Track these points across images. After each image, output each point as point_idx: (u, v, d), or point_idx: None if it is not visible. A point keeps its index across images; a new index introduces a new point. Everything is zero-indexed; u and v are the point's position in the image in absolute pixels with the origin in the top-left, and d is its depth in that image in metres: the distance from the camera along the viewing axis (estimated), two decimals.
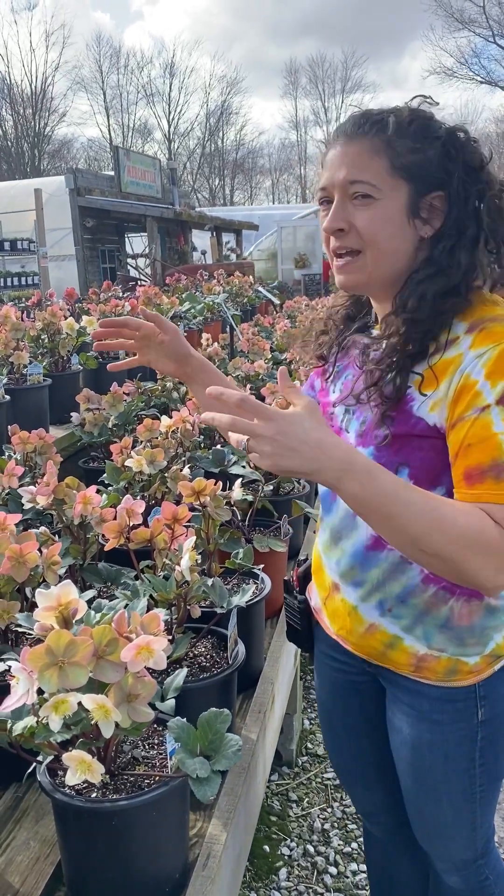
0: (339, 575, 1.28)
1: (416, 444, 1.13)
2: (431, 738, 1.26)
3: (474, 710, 1.24)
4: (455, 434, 1.08)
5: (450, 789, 1.28)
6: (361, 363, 1.24)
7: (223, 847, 1.31)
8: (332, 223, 1.16)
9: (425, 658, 1.22)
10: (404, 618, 1.22)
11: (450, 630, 1.20)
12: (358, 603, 1.26)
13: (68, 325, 3.46)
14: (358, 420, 1.22)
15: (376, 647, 1.26)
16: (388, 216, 1.13)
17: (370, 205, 1.13)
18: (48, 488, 1.73)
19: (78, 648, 1.05)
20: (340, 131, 1.18)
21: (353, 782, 1.53)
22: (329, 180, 1.17)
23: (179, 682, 1.33)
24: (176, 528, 1.57)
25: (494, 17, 31.48)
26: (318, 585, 1.38)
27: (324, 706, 1.51)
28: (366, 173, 1.13)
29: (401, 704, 1.29)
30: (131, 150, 20.35)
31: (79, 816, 1.15)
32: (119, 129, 40.82)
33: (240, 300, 6.64)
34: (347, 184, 1.14)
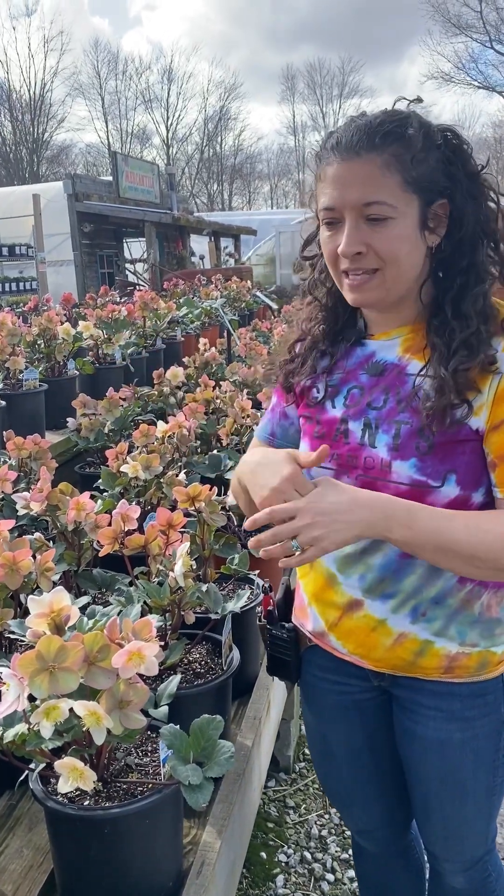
0: (363, 590, 1.23)
1: (460, 450, 1.13)
2: (462, 736, 1.26)
3: (502, 700, 1.26)
4: (500, 435, 1.11)
5: (476, 787, 1.29)
6: (392, 387, 1.21)
7: (217, 855, 1.30)
8: (351, 247, 1.11)
9: (457, 657, 1.22)
10: (437, 620, 1.21)
11: (481, 624, 1.22)
12: (387, 616, 1.22)
13: (64, 330, 3.46)
14: (388, 434, 1.18)
15: (405, 658, 1.23)
16: (405, 234, 1.11)
17: (386, 225, 1.10)
18: (42, 494, 1.72)
19: (68, 654, 1.04)
20: (344, 144, 1.11)
21: (350, 804, 1.49)
22: (339, 200, 1.12)
23: (173, 688, 1.32)
24: (171, 533, 1.57)
25: (491, 23, 31.61)
26: (326, 608, 1.29)
27: (319, 733, 1.44)
28: (381, 193, 1.09)
29: (425, 710, 1.27)
30: (129, 156, 20.40)
31: (71, 824, 1.14)
32: (117, 135, 40.95)
33: (238, 305, 6.64)
34: (362, 205, 1.10)
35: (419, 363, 1.18)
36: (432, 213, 1.13)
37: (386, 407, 1.19)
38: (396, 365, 1.21)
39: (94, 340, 3.79)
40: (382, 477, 1.17)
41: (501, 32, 31.53)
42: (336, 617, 1.27)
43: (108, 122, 40.74)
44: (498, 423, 1.11)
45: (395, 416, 1.18)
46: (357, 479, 1.20)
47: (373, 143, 1.08)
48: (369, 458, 1.19)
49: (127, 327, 4.19)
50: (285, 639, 1.38)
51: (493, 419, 1.11)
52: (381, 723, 1.37)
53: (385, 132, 1.08)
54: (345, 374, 1.26)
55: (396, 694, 1.32)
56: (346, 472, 1.21)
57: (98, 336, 3.79)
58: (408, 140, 1.09)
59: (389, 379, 1.21)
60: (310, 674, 1.40)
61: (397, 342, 1.22)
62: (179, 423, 2.49)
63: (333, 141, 1.13)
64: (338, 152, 1.11)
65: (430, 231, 1.14)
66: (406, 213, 1.10)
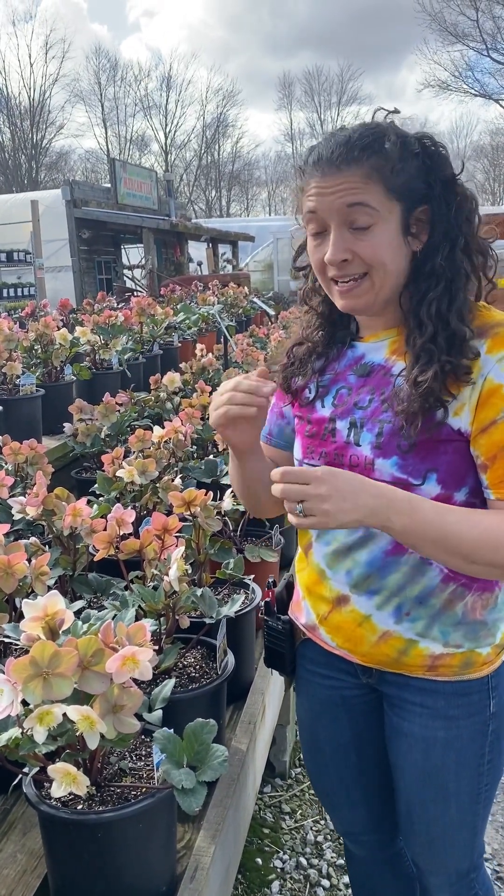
0: (350, 586, 1.26)
1: (442, 449, 1.15)
2: (446, 735, 1.27)
3: (487, 702, 1.27)
4: (488, 438, 1.12)
5: (459, 789, 1.29)
6: (364, 381, 1.25)
7: (211, 859, 1.30)
8: (337, 255, 1.15)
9: (441, 657, 1.24)
10: (421, 619, 1.23)
11: (465, 626, 1.23)
12: (372, 612, 1.25)
13: (61, 335, 3.46)
14: (371, 432, 1.21)
15: (389, 655, 1.25)
16: (388, 239, 1.14)
17: (370, 232, 1.14)
18: (38, 499, 1.73)
19: (62, 659, 1.04)
20: (325, 158, 1.14)
21: (337, 803, 1.50)
22: (324, 209, 1.15)
23: (167, 692, 1.32)
24: (166, 538, 1.57)
25: (488, 31, 31.73)
26: (317, 601, 1.34)
27: (309, 729, 1.47)
28: (366, 199, 1.12)
29: (411, 706, 1.29)
30: (128, 162, 20.44)
31: (64, 829, 1.14)
32: (116, 141, 41.05)
33: (235, 311, 6.65)
34: (346, 210, 1.13)
35: (403, 364, 1.21)
36: (414, 218, 1.17)
37: (371, 407, 1.23)
38: (383, 366, 1.25)
39: (91, 346, 3.80)
40: (366, 474, 1.19)
41: (498, 41, 31.67)
42: (326, 611, 1.32)
43: (107, 129, 40.87)
44: (486, 426, 1.13)
45: (379, 415, 1.21)
46: None
47: (353, 156, 1.12)
48: (354, 456, 1.22)
49: (124, 333, 4.19)
50: (280, 630, 1.43)
51: (480, 422, 1.13)
52: (369, 723, 1.39)
53: (363, 146, 1.12)
54: (335, 375, 1.30)
55: (384, 691, 1.33)
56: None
57: (95, 341, 3.80)
58: (386, 152, 1.12)
59: (376, 380, 1.25)
60: (303, 667, 1.43)
61: (385, 344, 1.26)
62: (175, 428, 2.49)
63: (315, 156, 1.16)
64: (319, 167, 1.15)
65: (413, 236, 1.17)
66: (388, 219, 1.14)
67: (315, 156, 1.16)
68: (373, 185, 1.12)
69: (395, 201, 1.14)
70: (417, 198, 1.16)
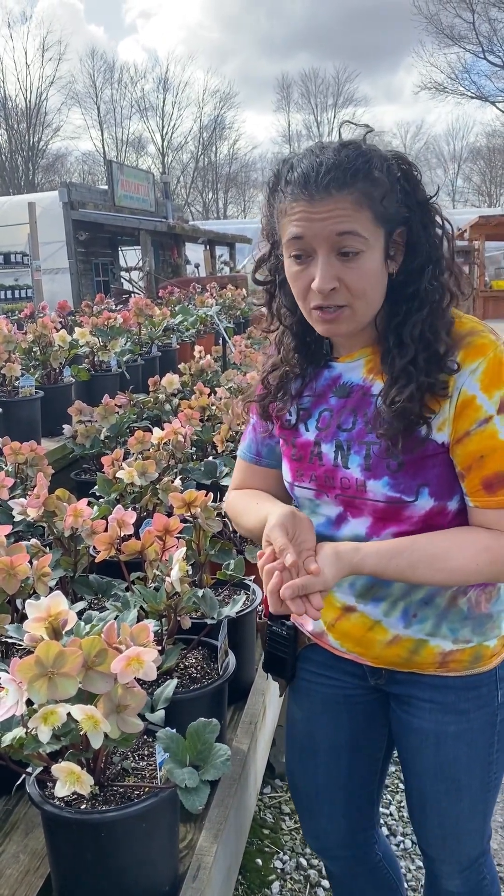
0: (355, 596, 1.28)
1: (430, 464, 1.17)
2: (457, 728, 1.28)
3: (495, 693, 1.29)
4: (464, 448, 1.14)
5: (470, 782, 1.31)
6: (343, 402, 1.26)
7: (213, 859, 1.31)
8: (326, 283, 1.11)
9: (452, 653, 1.26)
10: (428, 620, 1.25)
11: (472, 620, 1.26)
12: (381, 618, 1.26)
13: (60, 337, 3.47)
14: (359, 455, 1.21)
15: (401, 655, 1.27)
16: (373, 267, 1.13)
17: (359, 259, 1.11)
18: (38, 501, 1.73)
19: (67, 659, 1.05)
20: (313, 182, 1.09)
21: (316, 810, 1.48)
22: (312, 235, 1.11)
23: (169, 692, 1.33)
24: (167, 539, 1.57)
25: (484, 34, 31.81)
26: (324, 610, 1.28)
27: (304, 730, 1.45)
28: (355, 226, 1.10)
29: (422, 703, 1.30)
30: (125, 164, 20.43)
31: (68, 828, 1.15)
32: (113, 143, 41.07)
33: (233, 312, 6.66)
34: (336, 239, 1.10)
35: (381, 384, 1.20)
36: (393, 241, 1.16)
37: (355, 429, 1.23)
38: (361, 386, 1.24)
39: (90, 347, 3.80)
40: (359, 496, 1.22)
41: (494, 43, 31.75)
42: (333, 618, 1.32)
43: (104, 131, 40.92)
44: (461, 437, 1.15)
45: (364, 437, 1.21)
46: (336, 497, 1.25)
47: (344, 181, 1.09)
48: (345, 479, 1.23)
49: (122, 334, 4.20)
50: (285, 636, 1.42)
51: (456, 433, 1.15)
52: (367, 724, 1.40)
53: (355, 170, 1.09)
54: (315, 398, 1.29)
55: (393, 691, 1.34)
56: (325, 491, 1.26)
57: (94, 343, 3.80)
58: (374, 178, 1.10)
59: (355, 400, 1.24)
60: (305, 670, 1.43)
61: (361, 363, 1.25)
62: (175, 429, 2.50)
63: (300, 177, 1.11)
64: (306, 191, 1.10)
65: (391, 259, 1.17)
66: (375, 246, 1.13)
67: (299, 176, 1.11)
68: (363, 211, 1.10)
69: (381, 227, 1.12)
70: (397, 220, 1.14)
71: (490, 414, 1.12)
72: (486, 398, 1.12)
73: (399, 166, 1.14)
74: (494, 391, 1.12)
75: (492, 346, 1.14)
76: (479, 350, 1.13)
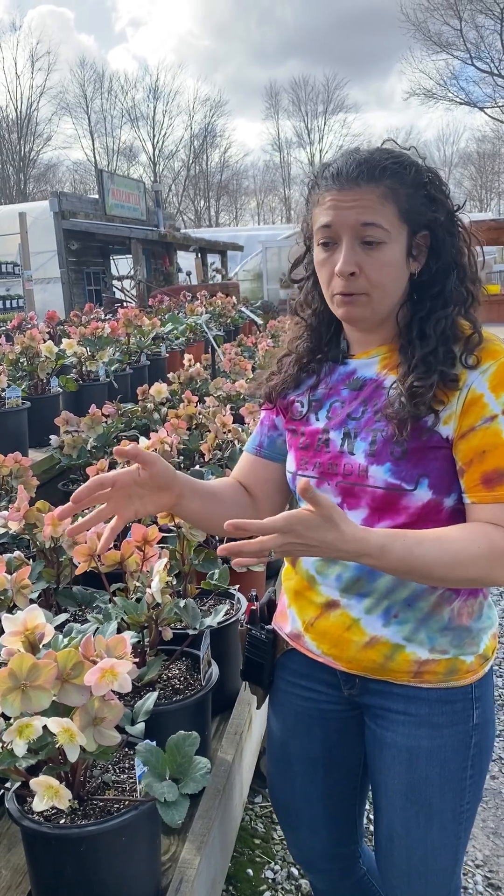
0: (340, 590, 1.29)
1: (432, 455, 1.20)
2: (430, 744, 1.27)
3: (470, 712, 1.28)
4: (466, 443, 1.18)
5: (442, 806, 1.28)
6: (359, 393, 1.29)
7: (196, 871, 1.30)
8: (347, 267, 1.19)
9: (427, 663, 1.25)
10: (408, 623, 1.25)
11: (451, 631, 1.26)
12: (361, 615, 1.27)
13: (47, 348, 3.47)
14: (365, 441, 1.25)
15: (375, 660, 1.26)
16: (394, 260, 1.20)
17: (380, 250, 1.19)
18: (19, 513, 1.72)
19: (41, 672, 1.05)
20: (345, 174, 1.19)
21: (298, 822, 1.47)
22: (338, 223, 1.19)
23: (150, 705, 1.32)
24: (147, 549, 1.57)
25: (471, 40, 32.05)
26: (304, 607, 1.35)
27: (280, 741, 1.44)
28: (378, 218, 1.18)
29: (395, 715, 1.29)
30: (115, 174, 20.48)
31: (47, 843, 1.14)
32: (104, 153, 41.16)
33: (223, 320, 6.67)
34: (360, 227, 1.18)
35: (394, 377, 1.26)
36: (416, 243, 1.24)
37: (364, 417, 1.27)
38: (375, 380, 1.29)
39: (78, 358, 3.80)
40: (360, 482, 1.24)
41: (481, 50, 32.00)
42: (313, 616, 1.33)
43: (95, 140, 41.01)
44: (465, 432, 1.18)
45: (372, 424, 1.25)
46: (337, 485, 1.27)
47: (373, 175, 1.18)
48: (348, 465, 1.26)
49: (111, 344, 4.20)
50: (263, 640, 1.43)
51: (461, 428, 1.19)
52: (342, 739, 1.39)
53: (384, 167, 1.19)
54: (328, 390, 1.35)
55: (366, 703, 1.33)
56: (327, 479, 1.29)
57: (82, 353, 3.80)
58: (402, 176, 1.19)
59: (368, 392, 1.29)
60: (282, 679, 1.43)
61: (376, 360, 1.30)
62: (161, 438, 2.49)
63: (333, 171, 1.21)
64: (338, 181, 1.20)
65: (413, 259, 1.24)
66: (397, 240, 1.20)
67: (333, 170, 1.21)
68: (388, 205, 1.18)
69: (405, 224, 1.20)
70: (422, 224, 1.22)
71: (496, 413, 1.17)
72: (494, 398, 1.17)
73: (428, 175, 1.23)
74: (502, 392, 1.17)
75: (502, 352, 1.21)
76: (492, 353, 1.19)
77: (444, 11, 31.49)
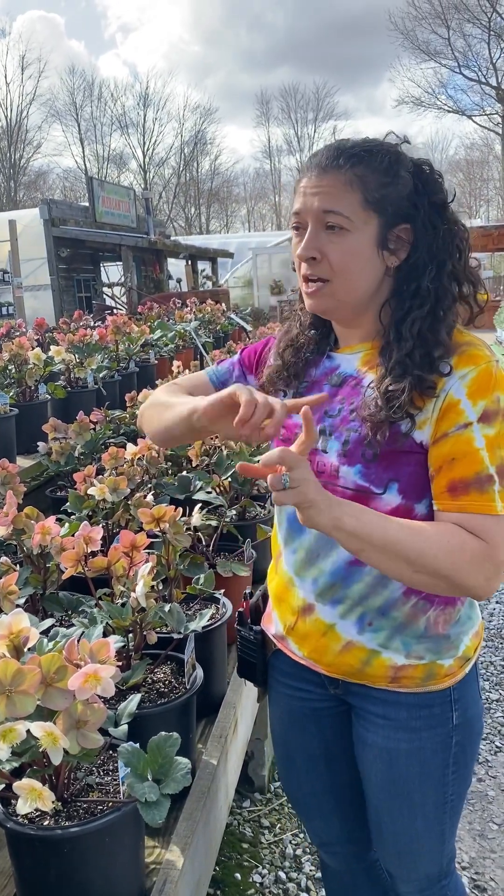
0: (315, 594, 1.29)
1: (404, 460, 1.18)
2: (408, 746, 1.28)
3: (449, 715, 1.28)
4: (438, 449, 1.16)
5: (424, 800, 1.31)
6: (336, 391, 1.28)
7: (180, 873, 1.31)
8: (306, 251, 1.20)
9: (403, 668, 1.25)
10: (383, 630, 1.25)
11: (427, 639, 1.25)
12: (336, 620, 1.27)
13: (35, 355, 3.48)
14: (338, 440, 1.24)
15: (353, 665, 1.27)
16: (358, 248, 1.18)
17: (343, 236, 1.18)
18: (7, 519, 1.74)
19: (25, 677, 1.06)
20: (315, 161, 1.21)
21: (310, 814, 1.51)
22: (303, 207, 1.20)
23: (132, 707, 1.34)
24: (134, 555, 1.59)
25: (459, 49, 32.36)
26: (285, 611, 1.36)
27: (281, 738, 1.48)
28: (340, 205, 1.17)
29: (374, 718, 1.31)
30: (105, 181, 20.51)
31: (31, 845, 1.15)
32: (94, 160, 41.20)
33: (212, 327, 6.70)
34: (322, 213, 1.18)
35: (372, 376, 1.23)
36: (394, 235, 1.20)
37: (340, 416, 1.26)
38: (354, 377, 1.27)
39: (66, 364, 3.81)
40: (332, 481, 1.23)
41: (469, 58, 32.29)
42: (292, 621, 1.34)
43: (85, 147, 41.04)
44: (439, 437, 1.16)
45: (347, 424, 1.24)
46: None
47: (338, 162, 1.18)
48: (321, 463, 1.25)
49: (99, 351, 4.22)
50: (252, 640, 1.45)
51: (435, 434, 1.17)
52: (338, 734, 1.40)
53: (351, 154, 1.18)
54: (310, 384, 1.33)
55: (351, 702, 1.35)
56: None
57: (70, 360, 3.81)
58: (370, 164, 1.17)
59: (347, 390, 1.27)
60: (274, 679, 1.46)
61: (358, 356, 1.29)
62: (148, 445, 2.51)
63: (309, 158, 1.24)
64: (311, 169, 1.21)
65: (391, 252, 1.20)
66: (363, 229, 1.18)
67: (311, 159, 1.23)
68: (352, 193, 1.17)
69: (373, 213, 1.18)
70: (400, 215, 1.19)
71: (470, 420, 1.14)
72: (470, 404, 1.14)
73: (415, 166, 1.21)
74: (479, 400, 1.14)
75: (485, 358, 1.17)
76: (472, 359, 1.16)
77: (432, 20, 31.78)
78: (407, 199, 1.19)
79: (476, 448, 1.13)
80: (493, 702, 3.17)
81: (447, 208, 1.22)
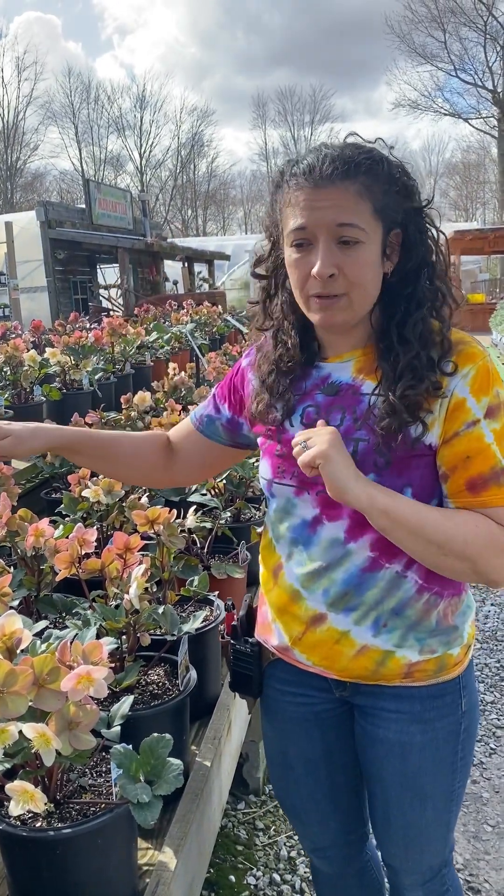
0: (327, 604, 1.27)
1: (415, 464, 1.20)
2: (422, 738, 1.30)
3: (459, 702, 1.31)
4: (451, 448, 1.18)
5: (435, 791, 1.33)
6: (329, 401, 1.27)
7: (173, 874, 1.32)
8: (326, 269, 1.15)
9: (417, 664, 1.27)
10: (397, 630, 1.26)
11: (439, 633, 1.28)
12: (350, 627, 1.26)
13: (30, 357, 3.48)
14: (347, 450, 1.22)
15: (367, 667, 1.27)
16: (371, 259, 1.18)
17: (358, 249, 1.16)
18: (1, 521, 1.74)
19: (17, 678, 1.06)
20: (318, 174, 1.15)
21: (307, 820, 1.50)
22: (312, 222, 1.16)
23: (125, 709, 1.34)
24: (128, 557, 1.59)
25: (455, 52, 32.47)
26: (290, 623, 1.33)
27: (278, 747, 1.46)
28: (355, 218, 1.14)
29: (387, 714, 1.31)
30: (102, 183, 20.52)
31: (23, 846, 1.15)
32: (91, 162, 41.21)
33: (208, 329, 6.69)
34: (336, 227, 1.15)
35: (372, 383, 1.23)
36: (389, 241, 1.21)
37: (343, 425, 1.24)
38: (351, 385, 1.26)
39: (62, 366, 3.81)
40: None
41: (465, 62, 32.40)
42: (300, 632, 1.31)
43: (82, 149, 41.06)
44: (449, 438, 1.18)
45: (353, 433, 1.23)
46: (317, 494, 1.25)
47: (348, 172, 1.14)
48: None
49: (95, 353, 4.21)
50: (249, 654, 1.43)
51: (444, 434, 1.18)
52: (339, 736, 1.40)
53: (358, 163, 1.15)
54: (301, 395, 1.31)
55: (358, 703, 1.35)
56: (306, 488, 1.27)
57: (65, 362, 3.81)
58: (376, 173, 1.16)
59: (345, 398, 1.26)
60: (271, 687, 1.43)
61: (350, 364, 1.27)
62: None
63: (305, 167, 1.17)
64: (311, 179, 1.16)
65: (387, 258, 1.21)
66: (373, 239, 1.17)
67: (305, 167, 1.17)
68: (363, 203, 1.15)
69: (380, 221, 1.18)
70: (394, 221, 1.20)
71: (478, 417, 1.17)
72: (475, 402, 1.17)
73: (399, 170, 1.20)
74: (482, 396, 1.17)
75: (480, 355, 1.20)
76: (470, 357, 1.19)
77: (429, 24, 31.90)
78: (397, 204, 1.19)
79: (487, 444, 1.17)
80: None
81: (424, 211, 1.23)
